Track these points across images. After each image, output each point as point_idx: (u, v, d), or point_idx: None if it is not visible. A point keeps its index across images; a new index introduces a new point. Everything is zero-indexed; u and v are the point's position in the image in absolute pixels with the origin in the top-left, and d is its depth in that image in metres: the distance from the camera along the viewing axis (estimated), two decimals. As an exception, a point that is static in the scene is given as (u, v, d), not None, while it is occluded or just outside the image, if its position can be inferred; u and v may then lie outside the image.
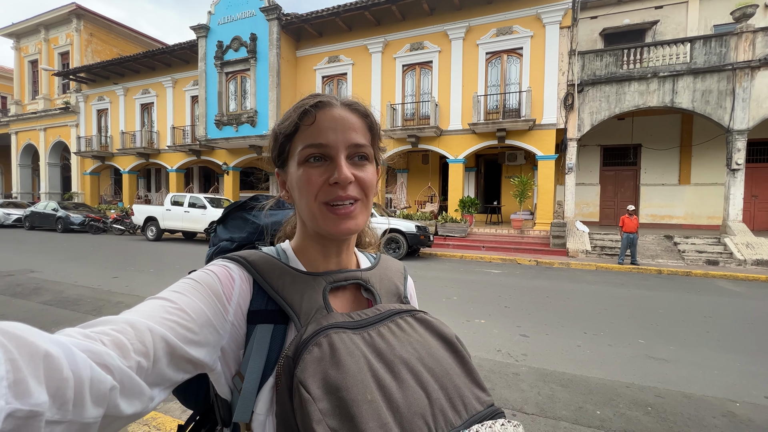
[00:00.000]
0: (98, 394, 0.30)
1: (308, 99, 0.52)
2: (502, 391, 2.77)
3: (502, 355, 3.45)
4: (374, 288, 0.56)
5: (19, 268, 7.04)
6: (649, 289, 6.69)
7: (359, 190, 0.51)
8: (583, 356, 3.48)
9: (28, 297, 5.04)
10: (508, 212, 14.44)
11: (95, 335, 0.33)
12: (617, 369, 3.22)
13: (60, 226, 14.86)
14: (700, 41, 10.34)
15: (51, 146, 21.45)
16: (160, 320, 0.39)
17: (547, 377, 3.02)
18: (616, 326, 4.39)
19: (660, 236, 10.76)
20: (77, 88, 20.32)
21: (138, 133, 18.35)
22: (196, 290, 0.44)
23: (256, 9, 14.03)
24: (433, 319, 0.52)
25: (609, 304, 5.50)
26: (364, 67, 13.84)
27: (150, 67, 17.96)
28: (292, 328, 0.49)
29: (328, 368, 0.40)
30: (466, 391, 0.46)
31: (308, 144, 0.50)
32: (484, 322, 4.44)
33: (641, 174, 13.89)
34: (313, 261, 0.55)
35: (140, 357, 0.35)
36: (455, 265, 8.98)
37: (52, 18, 20.51)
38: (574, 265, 9.11)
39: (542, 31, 11.57)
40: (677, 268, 8.74)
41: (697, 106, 10.30)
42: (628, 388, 2.86)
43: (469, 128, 12.29)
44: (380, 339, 0.46)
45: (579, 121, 11.38)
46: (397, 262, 0.67)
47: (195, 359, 0.41)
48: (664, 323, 4.56)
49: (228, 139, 15.00)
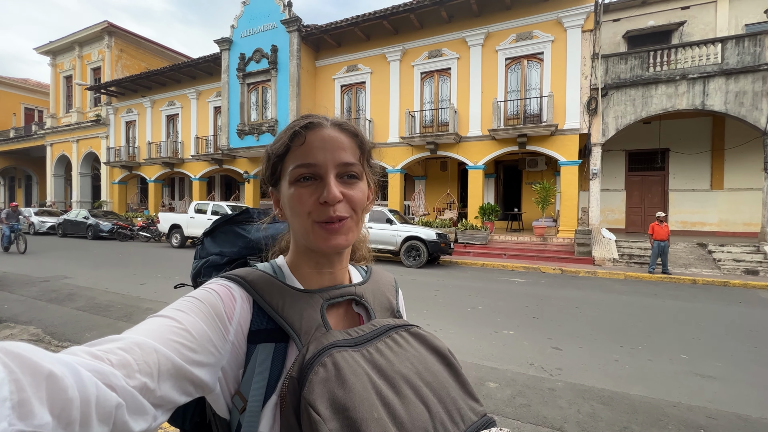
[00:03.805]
0: (104, 413, 0.30)
1: (299, 120, 0.54)
2: (539, 408, 2.65)
3: (535, 369, 3.32)
4: (368, 303, 0.57)
5: (54, 274, 7.32)
6: (684, 300, 6.37)
7: (348, 208, 0.52)
8: (622, 371, 3.31)
9: (63, 303, 5.21)
10: (529, 219, 14.13)
11: (102, 354, 0.33)
12: (660, 386, 3.04)
13: (90, 233, 15.44)
14: (732, 41, 9.95)
15: (83, 157, 22.44)
16: (165, 340, 0.39)
17: (585, 393, 2.88)
18: (654, 339, 4.17)
19: (692, 244, 10.28)
20: (108, 101, 21.26)
21: (163, 143, 18.99)
22: (199, 309, 0.45)
23: (277, 21, 14.39)
24: (427, 333, 0.54)
25: (643, 315, 5.25)
26: (383, 75, 13.94)
27: (175, 80, 18.63)
28: (292, 346, 0.49)
29: (335, 388, 0.41)
30: (461, 403, 0.48)
31: (298, 164, 0.51)
32: (513, 333, 4.30)
33: (670, 179, 13.37)
34: (307, 277, 0.56)
35: (145, 378, 0.35)
36: (477, 273, 8.81)
37: (85, 36, 21.62)
38: (601, 274, 8.79)
39: (563, 35, 11.39)
40: (713, 277, 8.30)
41: (731, 108, 9.87)
42: (675, 407, 2.69)
43: (489, 134, 12.15)
44: (379, 355, 0.47)
45: (603, 126, 11.08)
46: (387, 274, 0.68)
47: (197, 380, 0.41)
48: (707, 337, 4.30)
49: (249, 148, 15.32)
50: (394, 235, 9.79)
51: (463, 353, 3.65)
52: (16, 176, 30.55)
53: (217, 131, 17.46)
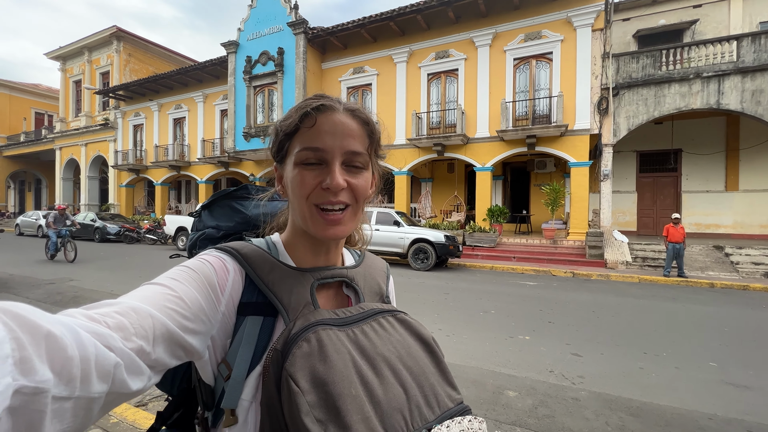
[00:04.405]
0: (103, 371, 0.31)
1: (312, 100, 0.53)
2: (564, 419, 2.48)
3: (555, 377, 3.14)
4: (358, 286, 0.58)
5: (60, 276, 7.27)
6: (704, 304, 6.13)
7: (351, 196, 0.52)
8: (648, 380, 3.13)
9: (67, 305, 5.12)
10: (537, 221, 13.91)
11: (99, 317, 0.34)
12: (692, 396, 2.85)
13: (97, 236, 15.49)
14: (747, 38, 9.71)
15: (91, 160, 22.63)
16: (160, 307, 0.39)
17: (612, 404, 2.70)
18: (678, 346, 3.98)
19: (708, 246, 10.00)
20: (116, 105, 21.44)
21: (170, 146, 19.06)
22: (192, 279, 0.45)
23: (283, 24, 14.40)
24: (412, 320, 0.55)
25: (663, 320, 5.04)
26: (389, 77, 13.85)
27: (182, 84, 18.73)
28: (280, 321, 0.50)
29: (316, 363, 0.42)
30: (439, 389, 0.49)
31: (305, 147, 0.50)
32: (529, 338, 4.13)
33: (683, 180, 13.08)
34: (301, 256, 0.56)
35: (141, 341, 0.35)
36: (486, 276, 8.62)
37: (94, 41, 21.88)
38: (614, 277, 8.56)
39: (573, 34, 11.22)
40: (732, 281, 8.04)
41: (747, 107, 9.62)
42: (711, 420, 2.51)
43: (497, 135, 11.99)
44: (363, 337, 0.48)
45: (614, 126, 10.87)
46: (380, 260, 0.68)
47: (189, 346, 0.42)
48: (734, 343, 4.09)
49: (255, 150, 15.29)
50: (401, 238, 9.64)
51: (479, 359, 3.49)
52: (26, 180, 30.93)
53: (224, 134, 17.49)
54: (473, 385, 2.95)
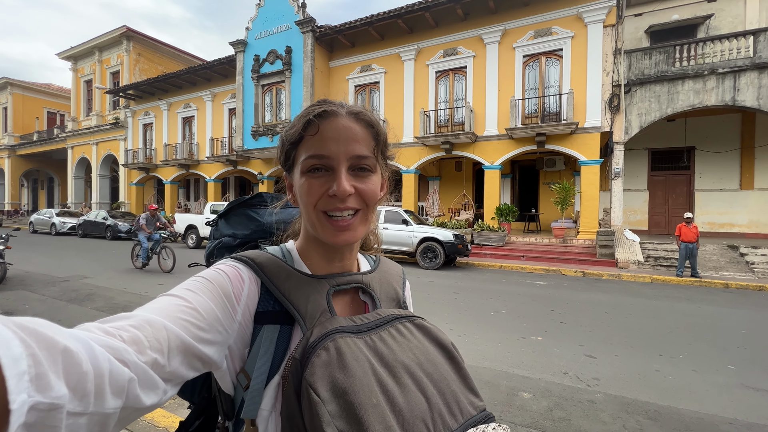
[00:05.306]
0: (117, 386, 0.31)
1: (314, 107, 0.52)
2: (580, 422, 2.46)
3: (570, 379, 3.11)
4: (374, 292, 0.57)
5: (74, 273, 7.39)
6: (720, 305, 6.03)
7: (360, 200, 0.51)
8: (665, 383, 3.08)
9: (82, 303, 5.22)
10: (546, 220, 13.78)
11: (114, 330, 0.34)
12: (711, 400, 2.81)
13: (109, 233, 15.71)
14: (765, 33, 9.47)
15: (102, 159, 22.94)
16: (175, 319, 0.39)
17: (629, 407, 2.67)
18: (694, 348, 3.91)
19: (722, 246, 9.82)
20: (126, 104, 21.68)
21: (179, 145, 19.23)
22: (207, 290, 0.45)
23: (291, 23, 14.41)
24: (431, 325, 0.54)
25: (678, 321, 4.97)
26: (397, 75, 13.80)
27: (191, 83, 18.86)
28: (297, 329, 0.50)
29: (336, 372, 0.41)
30: (461, 396, 0.48)
31: (310, 155, 0.50)
32: (542, 339, 4.09)
33: (696, 179, 12.85)
34: (316, 263, 0.56)
35: (156, 354, 0.36)
36: (495, 275, 8.57)
37: (105, 41, 22.13)
38: (626, 277, 8.45)
39: (584, 31, 11.06)
40: (747, 281, 7.89)
41: (764, 103, 9.40)
42: (731, 425, 2.46)
43: (506, 133, 11.89)
44: (382, 344, 0.47)
45: (626, 124, 10.70)
46: (396, 265, 0.67)
47: (206, 357, 0.42)
48: (753, 346, 4.02)
49: (263, 149, 15.36)
50: (410, 236, 9.63)
51: (491, 360, 3.47)
52: (39, 178, 31.48)
53: (232, 133, 17.59)
54: (487, 387, 2.93)
